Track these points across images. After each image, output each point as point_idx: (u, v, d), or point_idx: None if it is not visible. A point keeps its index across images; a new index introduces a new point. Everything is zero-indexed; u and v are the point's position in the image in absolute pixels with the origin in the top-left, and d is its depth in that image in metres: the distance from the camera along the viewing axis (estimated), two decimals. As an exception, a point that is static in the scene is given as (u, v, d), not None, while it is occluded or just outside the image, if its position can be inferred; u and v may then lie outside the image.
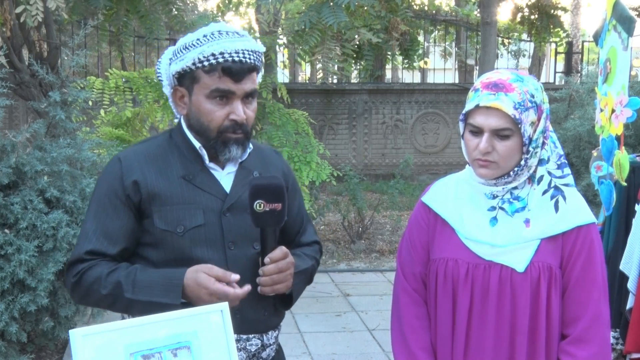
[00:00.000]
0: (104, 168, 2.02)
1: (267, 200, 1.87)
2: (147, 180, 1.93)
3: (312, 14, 7.06)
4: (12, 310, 3.89)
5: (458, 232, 1.98)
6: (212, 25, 1.97)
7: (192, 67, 1.91)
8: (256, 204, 1.86)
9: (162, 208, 1.92)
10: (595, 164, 3.63)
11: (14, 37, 6.23)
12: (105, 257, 1.92)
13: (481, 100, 1.87)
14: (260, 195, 1.87)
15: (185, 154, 1.99)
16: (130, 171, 1.94)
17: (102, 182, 1.98)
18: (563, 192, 1.94)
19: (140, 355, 1.65)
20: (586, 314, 1.91)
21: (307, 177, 7.13)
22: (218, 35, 1.92)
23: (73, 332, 1.62)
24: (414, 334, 2.04)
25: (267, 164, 2.09)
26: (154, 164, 1.96)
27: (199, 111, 1.94)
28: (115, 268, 1.89)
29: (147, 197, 1.92)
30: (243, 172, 2.03)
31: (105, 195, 1.95)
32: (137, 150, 2.01)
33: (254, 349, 2.01)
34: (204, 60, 1.89)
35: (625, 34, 3.41)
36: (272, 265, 1.90)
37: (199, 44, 1.90)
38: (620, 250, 3.62)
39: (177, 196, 1.93)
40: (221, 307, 1.74)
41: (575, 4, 19.72)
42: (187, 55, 1.91)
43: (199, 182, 1.96)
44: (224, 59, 1.89)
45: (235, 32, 1.95)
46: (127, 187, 1.92)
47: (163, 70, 2.00)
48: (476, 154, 1.91)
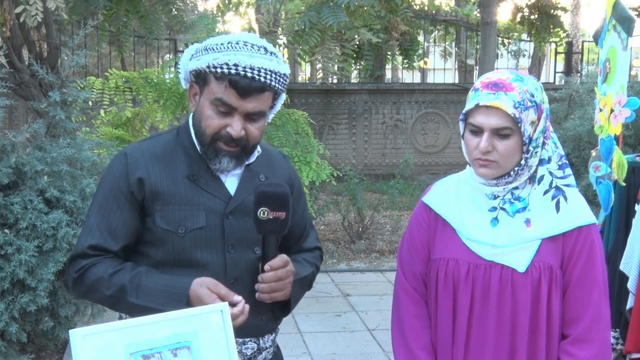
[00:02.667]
0: (110, 162, 2.01)
1: (271, 208, 1.85)
2: (152, 178, 1.92)
3: (312, 14, 7.07)
4: (12, 310, 3.89)
5: (459, 232, 1.98)
6: (244, 35, 1.93)
7: (206, 70, 1.88)
8: (260, 211, 1.85)
9: (165, 207, 1.91)
10: (594, 164, 3.63)
11: (14, 37, 6.23)
12: (108, 253, 1.91)
13: (481, 99, 1.87)
14: (265, 203, 1.85)
15: (191, 154, 1.96)
16: (135, 168, 1.92)
17: (107, 176, 1.96)
18: (564, 193, 1.94)
19: (140, 355, 1.65)
20: (587, 314, 1.91)
21: (307, 177, 7.13)
22: (242, 46, 1.87)
23: (73, 332, 1.63)
24: (414, 334, 2.04)
25: (274, 167, 2.07)
26: (160, 162, 1.94)
27: (201, 113, 1.92)
28: (120, 268, 1.88)
29: (151, 195, 1.91)
30: (249, 175, 2.00)
31: (110, 191, 1.94)
32: (144, 147, 1.99)
33: (249, 352, 2.00)
34: (217, 67, 1.85)
35: (625, 34, 3.41)
36: (271, 274, 1.88)
37: (218, 50, 1.87)
38: (620, 251, 3.62)
39: (180, 196, 1.92)
40: (221, 307, 1.74)
41: (575, 4, 19.73)
42: (204, 57, 1.88)
43: (204, 183, 1.94)
44: (235, 72, 1.84)
45: (262, 47, 1.89)
46: (131, 184, 1.91)
47: (183, 63, 1.97)
48: (476, 154, 1.91)
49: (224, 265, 1.93)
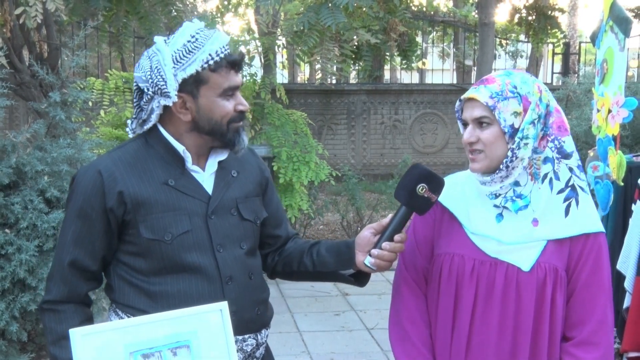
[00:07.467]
0: (78, 179, 1.94)
1: (430, 189, 1.91)
2: (130, 189, 1.89)
3: (311, 14, 7.08)
4: (12, 309, 3.91)
5: (465, 227, 1.98)
6: (188, 25, 1.94)
7: (200, 69, 1.87)
8: (420, 186, 1.90)
9: (148, 217, 1.89)
10: (592, 164, 3.65)
11: (15, 38, 6.23)
12: (86, 273, 1.94)
13: (466, 94, 1.94)
14: (427, 181, 1.91)
15: (165, 158, 1.94)
16: (113, 182, 1.89)
17: (78, 195, 1.92)
18: (577, 196, 1.94)
19: (140, 355, 1.66)
20: (593, 317, 1.91)
21: (306, 177, 7.15)
22: (207, 32, 1.90)
23: (73, 332, 1.64)
24: (413, 327, 2.03)
25: (243, 162, 2.08)
26: (134, 171, 1.91)
27: (210, 111, 1.91)
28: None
29: (133, 207, 1.89)
30: (222, 173, 2.02)
31: (82, 210, 1.91)
32: (115, 158, 1.94)
33: (249, 349, 2.01)
34: (210, 58, 1.86)
35: (622, 35, 3.42)
36: (399, 244, 1.94)
37: (201, 45, 1.87)
38: (617, 250, 3.63)
39: (162, 203, 1.90)
40: (220, 306, 1.75)
41: (572, 5, 19.73)
42: (194, 57, 1.86)
43: (182, 186, 1.93)
44: (224, 53, 1.89)
45: (202, 27, 1.94)
46: (110, 200, 1.88)
47: (171, 83, 1.87)
48: (467, 147, 1.95)
49: (216, 266, 1.94)
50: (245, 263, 1.99)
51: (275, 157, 7.20)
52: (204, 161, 1.99)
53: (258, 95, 7.68)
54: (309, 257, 2.10)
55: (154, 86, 1.88)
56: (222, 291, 1.93)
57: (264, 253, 2.18)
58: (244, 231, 2.02)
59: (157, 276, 1.92)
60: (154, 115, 1.93)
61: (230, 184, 2.02)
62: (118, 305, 1.97)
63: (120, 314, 1.96)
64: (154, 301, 1.91)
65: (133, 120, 1.99)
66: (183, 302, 1.86)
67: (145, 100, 1.92)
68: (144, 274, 1.92)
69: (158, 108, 1.91)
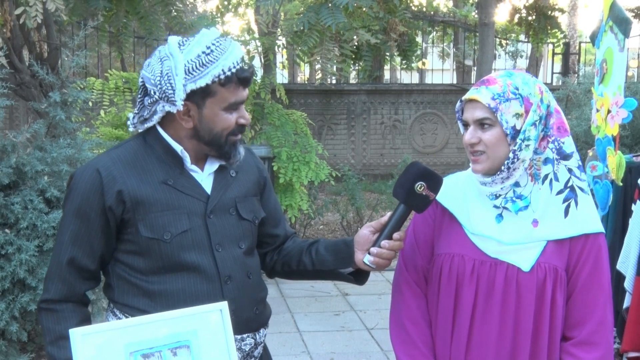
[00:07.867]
0: (76, 178, 1.93)
1: (428, 187, 1.90)
2: (130, 188, 1.89)
3: (311, 15, 7.08)
4: (12, 309, 3.91)
5: (465, 227, 1.98)
6: (205, 33, 1.92)
7: (210, 82, 1.86)
8: (419, 184, 1.90)
9: (147, 216, 1.89)
10: (591, 164, 3.66)
11: (15, 38, 6.23)
12: (84, 272, 1.94)
13: (466, 95, 1.93)
14: (426, 179, 1.90)
15: (163, 158, 1.94)
16: (112, 181, 1.89)
17: (76, 193, 1.91)
18: (577, 197, 1.94)
19: (140, 355, 1.67)
20: (593, 317, 1.92)
21: (306, 177, 7.15)
22: (224, 44, 1.89)
23: (73, 332, 1.64)
24: (414, 326, 2.03)
25: (241, 162, 2.07)
26: (134, 170, 1.91)
27: (213, 122, 1.91)
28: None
29: (132, 206, 1.89)
30: (222, 173, 2.02)
31: (80, 209, 1.90)
32: (113, 157, 1.94)
33: (248, 348, 2.02)
34: (222, 73, 1.85)
35: (622, 35, 3.43)
36: (398, 243, 1.94)
37: (215, 59, 1.86)
38: (617, 250, 3.64)
39: (161, 202, 1.90)
40: (220, 306, 1.75)
41: (572, 5, 19.72)
42: (206, 71, 1.85)
43: (181, 185, 1.94)
44: (236, 69, 1.87)
45: (225, 36, 1.96)
46: (109, 199, 1.88)
47: (179, 94, 1.86)
48: (468, 148, 1.95)
49: (215, 265, 1.94)
50: (244, 262, 2.00)
51: (275, 157, 7.21)
52: (203, 162, 2.00)
53: (258, 95, 7.68)
54: (308, 256, 2.11)
55: (161, 92, 1.87)
56: (221, 290, 1.94)
57: (263, 252, 2.19)
58: (243, 231, 2.02)
59: (156, 275, 1.92)
60: (156, 116, 1.93)
61: (229, 184, 2.02)
62: (116, 305, 1.97)
63: (118, 315, 1.96)
64: (152, 300, 1.91)
65: (135, 115, 2.00)
66: (182, 302, 1.86)
67: (149, 101, 1.92)
68: (143, 273, 1.92)
69: (161, 111, 1.91)
